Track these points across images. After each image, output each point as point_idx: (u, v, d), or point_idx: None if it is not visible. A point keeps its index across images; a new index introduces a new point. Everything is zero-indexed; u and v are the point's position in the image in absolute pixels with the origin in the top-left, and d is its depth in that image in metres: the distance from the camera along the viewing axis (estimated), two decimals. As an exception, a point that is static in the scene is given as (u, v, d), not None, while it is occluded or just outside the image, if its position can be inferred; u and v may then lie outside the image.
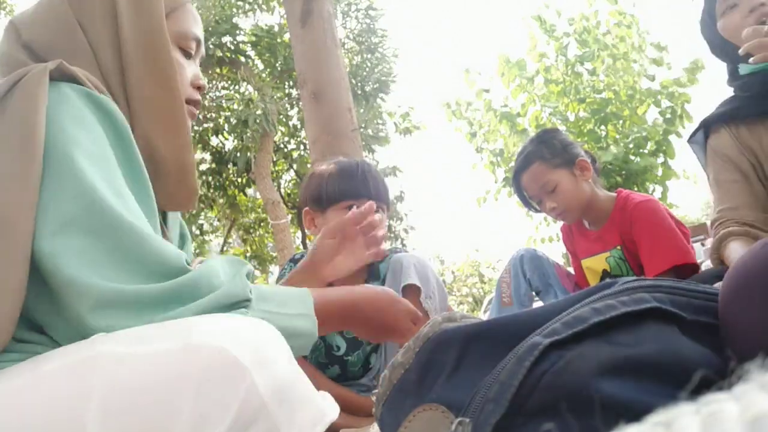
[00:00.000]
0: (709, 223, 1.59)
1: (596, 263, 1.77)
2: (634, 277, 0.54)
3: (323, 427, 0.59)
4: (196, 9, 0.91)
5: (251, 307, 0.65)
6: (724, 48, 1.34)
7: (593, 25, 6.67)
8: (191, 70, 0.86)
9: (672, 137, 6.24)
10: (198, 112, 0.89)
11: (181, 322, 0.58)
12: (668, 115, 6.25)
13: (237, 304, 0.64)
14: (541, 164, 1.71)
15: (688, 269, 1.59)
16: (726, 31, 1.28)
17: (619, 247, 1.71)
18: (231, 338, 0.55)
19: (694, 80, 6.16)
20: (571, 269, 1.93)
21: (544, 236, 6.81)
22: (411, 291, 1.40)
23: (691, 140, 1.47)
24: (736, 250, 1.19)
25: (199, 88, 0.87)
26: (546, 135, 1.80)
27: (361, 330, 0.88)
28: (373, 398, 0.61)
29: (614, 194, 1.77)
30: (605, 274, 1.76)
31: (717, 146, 1.36)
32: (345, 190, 1.43)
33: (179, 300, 0.60)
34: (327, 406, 0.62)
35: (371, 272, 1.52)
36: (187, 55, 0.85)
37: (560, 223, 1.94)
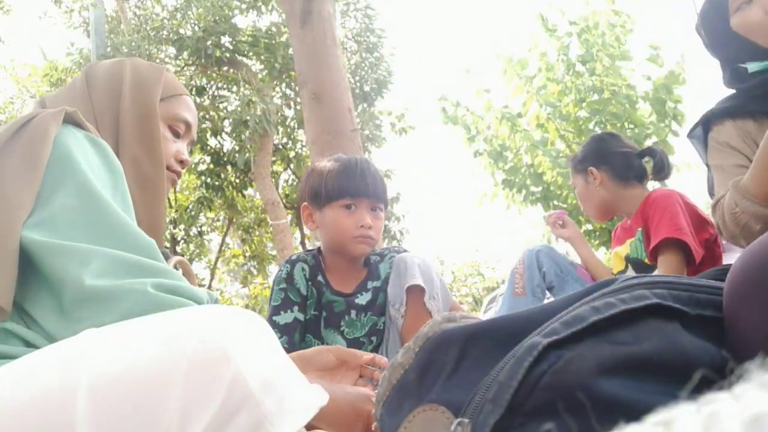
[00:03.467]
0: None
1: (622, 249, 1.90)
2: (634, 275, 0.54)
3: (312, 412, 0.60)
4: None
5: None
6: (727, 45, 1.30)
7: (591, 25, 6.67)
8: (177, 146, 1.03)
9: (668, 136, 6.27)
10: (178, 180, 1.06)
11: (168, 313, 0.60)
12: (661, 114, 6.27)
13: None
14: (572, 166, 2.01)
15: (689, 252, 1.66)
16: (742, 27, 1.22)
17: (640, 230, 1.82)
18: (218, 328, 0.56)
19: (682, 80, 6.19)
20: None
21: (541, 236, 6.81)
22: (415, 291, 1.40)
23: (690, 135, 1.46)
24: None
25: (181, 162, 1.03)
26: (591, 138, 2.06)
27: None
28: (373, 399, 0.61)
29: (647, 191, 1.89)
30: (627, 259, 1.88)
31: (720, 137, 1.33)
32: (343, 188, 1.43)
33: (160, 275, 0.69)
34: (316, 394, 0.63)
35: (370, 273, 1.52)
36: (176, 134, 1.02)
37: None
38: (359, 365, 1.09)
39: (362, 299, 1.48)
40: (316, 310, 1.48)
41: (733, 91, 1.37)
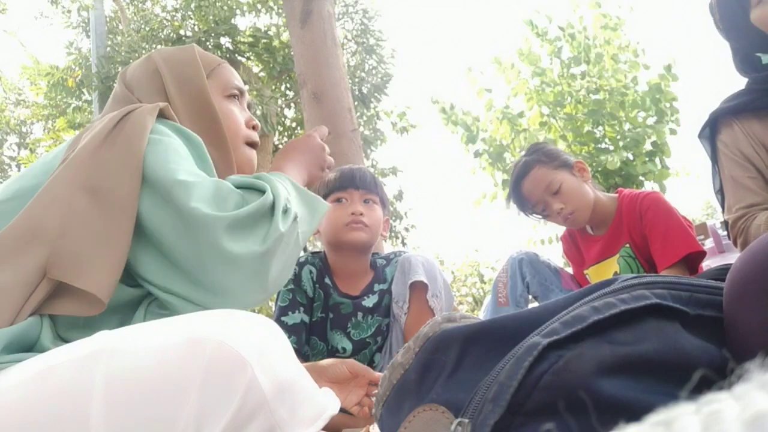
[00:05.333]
0: (717, 223, 1.55)
1: (605, 269, 1.73)
2: (634, 275, 0.54)
3: (324, 421, 0.60)
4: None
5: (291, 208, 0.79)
6: (743, 35, 1.27)
7: (579, 30, 6.71)
8: (243, 114, 1.01)
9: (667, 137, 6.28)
10: (256, 150, 1.03)
11: (184, 317, 0.60)
12: (656, 115, 6.28)
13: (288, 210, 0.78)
14: (542, 167, 1.72)
15: (699, 258, 1.59)
16: (762, 21, 1.18)
17: (627, 245, 1.69)
18: (234, 333, 0.56)
19: (675, 77, 6.21)
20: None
21: (543, 237, 6.82)
22: (418, 288, 1.42)
23: (700, 135, 1.43)
24: None
25: (254, 127, 1.01)
26: (539, 145, 1.85)
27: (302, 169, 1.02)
28: (373, 399, 0.61)
29: (615, 195, 1.77)
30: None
31: (728, 141, 1.31)
32: (331, 185, 1.51)
33: (268, 215, 0.74)
34: (328, 402, 0.63)
35: (377, 276, 1.53)
36: (235, 97, 1.00)
37: (557, 227, 1.89)
38: (368, 381, 1.10)
39: (369, 302, 1.50)
40: (323, 312, 1.49)
41: (743, 85, 1.34)
